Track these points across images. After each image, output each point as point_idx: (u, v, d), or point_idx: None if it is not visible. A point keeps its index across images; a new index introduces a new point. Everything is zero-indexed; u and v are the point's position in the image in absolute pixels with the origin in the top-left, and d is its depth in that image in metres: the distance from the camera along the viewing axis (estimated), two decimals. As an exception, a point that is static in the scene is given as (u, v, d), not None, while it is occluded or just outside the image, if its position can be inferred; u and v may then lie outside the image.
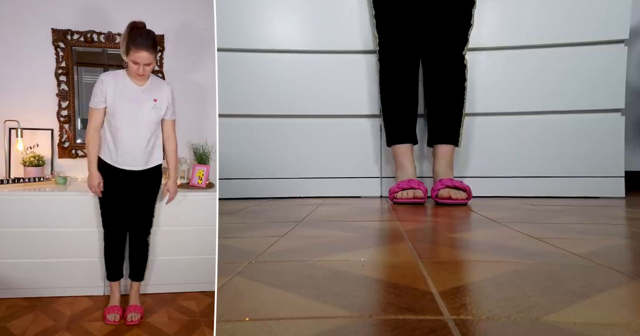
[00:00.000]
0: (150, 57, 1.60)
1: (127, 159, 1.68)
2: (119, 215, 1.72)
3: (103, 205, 1.71)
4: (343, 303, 0.58)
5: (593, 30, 2.10)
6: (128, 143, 1.67)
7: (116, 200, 1.70)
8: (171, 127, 1.77)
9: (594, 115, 2.14)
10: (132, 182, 1.70)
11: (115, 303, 1.71)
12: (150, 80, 1.71)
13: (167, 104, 1.72)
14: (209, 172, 2.13)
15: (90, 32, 2.20)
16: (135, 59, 1.59)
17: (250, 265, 0.80)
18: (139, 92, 1.67)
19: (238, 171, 2.24)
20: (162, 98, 1.70)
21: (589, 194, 2.14)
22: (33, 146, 2.14)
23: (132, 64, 1.60)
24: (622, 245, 0.98)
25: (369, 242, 1.05)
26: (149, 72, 1.65)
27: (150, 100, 1.68)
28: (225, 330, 0.50)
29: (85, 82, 2.25)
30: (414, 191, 1.83)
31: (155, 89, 1.70)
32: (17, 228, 1.79)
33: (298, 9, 2.22)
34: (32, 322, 1.58)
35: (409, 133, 2.00)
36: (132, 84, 1.67)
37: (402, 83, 1.99)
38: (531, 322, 0.50)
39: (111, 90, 1.63)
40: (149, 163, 1.72)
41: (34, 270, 1.80)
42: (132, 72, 1.63)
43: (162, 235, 1.92)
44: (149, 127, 1.69)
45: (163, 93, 1.71)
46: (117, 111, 1.64)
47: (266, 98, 2.24)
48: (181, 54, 2.31)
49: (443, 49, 1.94)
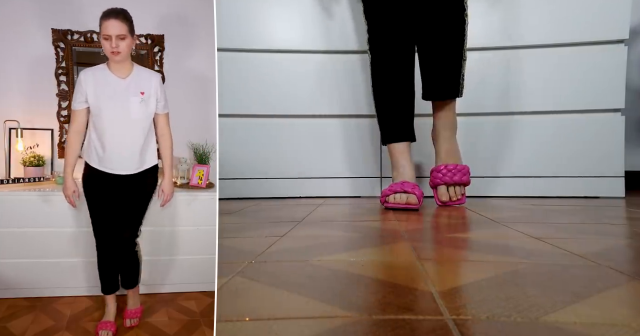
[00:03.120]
0: (121, 27, 1.41)
1: (116, 163, 1.51)
2: (111, 223, 1.56)
3: (92, 213, 1.56)
4: (343, 303, 0.58)
5: (593, 30, 2.10)
6: (117, 146, 1.50)
7: (106, 208, 1.55)
8: (165, 122, 1.59)
9: (594, 115, 2.14)
10: (123, 187, 1.54)
11: (110, 319, 1.57)
12: (135, 70, 1.52)
13: (157, 96, 1.53)
14: (209, 172, 2.13)
15: (90, 32, 2.20)
16: (105, 32, 1.41)
17: (250, 265, 0.80)
18: (123, 85, 1.49)
19: (238, 171, 2.24)
20: (149, 90, 1.51)
21: (589, 194, 2.14)
22: (33, 146, 2.13)
23: (105, 42, 1.43)
24: (622, 245, 0.98)
25: (369, 242, 1.05)
26: (125, 49, 1.45)
27: (137, 94, 1.49)
28: (225, 330, 0.50)
29: (85, 82, 2.25)
30: (407, 196, 1.61)
31: (141, 80, 1.51)
32: (17, 228, 1.78)
33: (298, 9, 2.22)
34: (32, 322, 1.58)
35: (405, 130, 1.77)
36: (114, 77, 1.49)
37: (395, 73, 1.75)
38: (531, 322, 0.50)
39: (92, 87, 1.47)
40: (142, 165, 1.56)
41: (34, 270, 1.80)
42: (107, 52, 1.44)
43: (162, 235, 1.91)
44: (138, 124, 1.52)
45: (150, 83, 1.52)
46: (101, 110, 1.47)
47: (266, 98, 2.24)
48: (181, 54, 2.30)
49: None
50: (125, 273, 1.65)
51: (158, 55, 2.25)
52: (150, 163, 1.60)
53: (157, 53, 2.24)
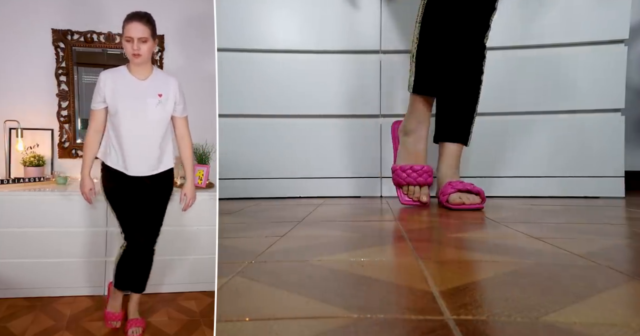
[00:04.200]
0: (144, 30, 1.44)
1: (132, 164, 1.52)
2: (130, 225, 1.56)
3: (117, 213, 1.56)
4: (343, 303, 0.58)
5: (593, 30, 2.10)
6: (133, 147, 1.51)
7: (127, 207, 1.55)
8: (184, 125, 1.61)
9: (594, 115, 2.14)
10: (140, 189, 1.54)
11: (116, 311, 1.60)
12: (154, 73, 1.55)
13: (175, 99, 1.55)
14: (209, 172, 2.13)
15: (90, 32, 2.20)
16: (128, 34, 1.44)
17: (250, 265, 0.80)
18: (141, 87, 1.51)
19: (238, 171, 2.24)
20: (167, 92, 1.53)
21: (589, 194, 2.14)
22: (33, 146, 2.14)
23: (127, 43, 1.46)
24: (622, 245, 0.98)
25: (369, 242, 1.05)
26: (146, 52, 1.48)
27: (155, 96, 1.51)
28: (225, 330, 0.50)
29: (85, 82, 2.25)
30: (421, 191, 1.75)
31: (160, 83, 1.53)
32: (17, 228, 1.79)
33: (298, 9, 2.22)
34: (32, 322, 1.58)
35: (441, 85, 1.76)
36: (133, 78, 1.51)
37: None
38: (531, 322, 0.50)
39: (110, 88, 1.49)
40: (159, 167, 1.56)
41: (34, 270, 1.80)
42: (129, 54, 1.47)
43: (162, 235, 1.91)
44: (156, 126, 1.53)
45: (169, 87, 1.54)
46: (118, 111, 1.49)
47: (266, 98, 2.24)
48: (181, 54, 2.30)
49: (462, 34, 1.71)
50: (136, 273, 1.60)
51: (158, 55, 2.25)
52: (166, 167, 1.58)
53: (157, 53, 2.24)
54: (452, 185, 1.67)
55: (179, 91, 1.56)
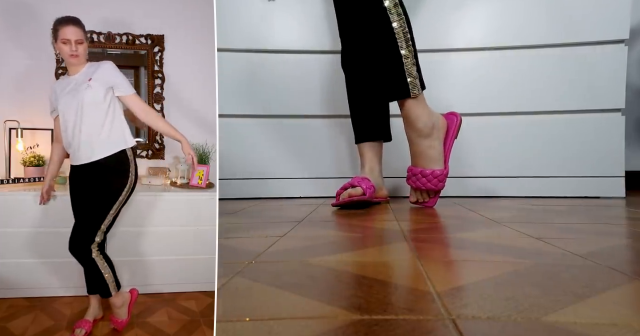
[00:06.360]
0: (78, 32, 1.51)
1: (73, 153, 1.53)
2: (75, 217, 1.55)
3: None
4: (343, 303, 0.58)
5: (593, 30, 2.10)
6: (77, 136, 1.50)
7: (72, 202, 1.57)
8: (137, 100, 1.56)
9: (594, 115, 2.14)
10: (79, 181, 1.54)
11: (87, 318, 1.56)
12: (86, 66, 1.57)
13: (108, 79, 1.52)
14: (208, 172, 2.13)
15: (90, 32, 2.20)
16: (65, 36, 1.49)
17: (250, 265, 0.79)
18: (74, 81, 1.54)
19: (238, 171, 2.24)
20: (97, 76, 1.51)
21: (589, 194, 2.14)
22: (33, 146, 2.13)
23: (63, 46, 1.50)
24: (623, 245, 0.98)
25: (369, 242, 1.05)
26: (83, 53, 1.53)
27: (85, 81, 1.51)
28: (225, 330, 0.50)
29: (85, 82, 2.25)
30: (352, 189, 1.62)
31: (90, 71, 1.54)
32: (17, 228, 1.78)
33: (298, 9, 2.22)
34: (32, 322, 1.58)
35: (370, 130, 1.81)
36: (68, 77, 1.57)
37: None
38: (531, 322, 0.50)
39: (55, 95, 1.57)
40: (92, 156, 1.49)
41: (34, 270, 1.80)
42: (66, 55, 1.51)
43: (162, 235, 1.91)
44: (92, 109, 1.49)
45: (99, 69, 1.53)
46: (61, 110, 1.54)
47: (266, 98, 2.24)
48: (181, 54, 2.30)
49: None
50: (86, 278, 1.59)
51: (158, 55, 2.25)
52: (109, 151, 1.49)
53: (157, 53, 2.24)
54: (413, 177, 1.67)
55: (113, 71, 1.54)
